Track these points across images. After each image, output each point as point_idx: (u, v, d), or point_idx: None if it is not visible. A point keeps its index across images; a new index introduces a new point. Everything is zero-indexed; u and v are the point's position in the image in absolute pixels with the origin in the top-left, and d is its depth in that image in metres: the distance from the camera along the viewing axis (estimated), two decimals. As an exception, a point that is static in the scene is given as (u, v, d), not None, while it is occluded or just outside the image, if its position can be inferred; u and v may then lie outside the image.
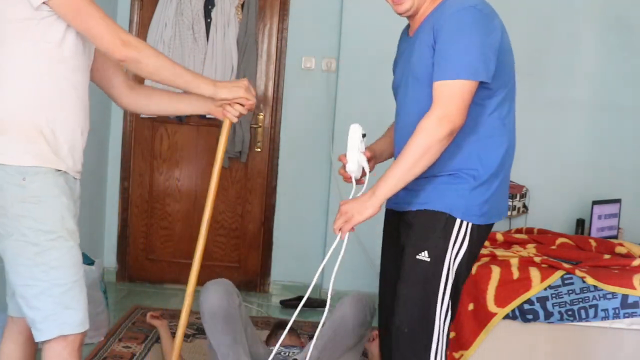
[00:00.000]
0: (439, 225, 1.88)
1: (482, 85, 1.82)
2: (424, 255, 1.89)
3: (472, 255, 1.94)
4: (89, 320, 1.88)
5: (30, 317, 1.83)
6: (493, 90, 1.85)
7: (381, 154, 2.23)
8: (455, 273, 1.89)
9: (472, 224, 1.89)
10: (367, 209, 1.82)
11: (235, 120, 2.11)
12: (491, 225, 1.97)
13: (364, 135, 2.00)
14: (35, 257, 1.79)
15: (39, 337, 1.83)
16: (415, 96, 1.91)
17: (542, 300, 2.66)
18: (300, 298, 4.06)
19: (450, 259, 1.88)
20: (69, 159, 1.87)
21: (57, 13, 1.76)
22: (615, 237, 3.74)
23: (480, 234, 1.93)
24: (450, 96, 1.77)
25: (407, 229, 1.95)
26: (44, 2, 1.73)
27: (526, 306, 2.65)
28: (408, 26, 2.06)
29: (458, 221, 1.88)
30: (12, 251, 1.81)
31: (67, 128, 1.86)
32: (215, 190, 2.16)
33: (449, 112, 1.76)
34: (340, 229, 1.88)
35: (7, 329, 2.04)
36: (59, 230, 1.81)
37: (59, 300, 1.81)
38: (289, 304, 4.01)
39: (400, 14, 1.95)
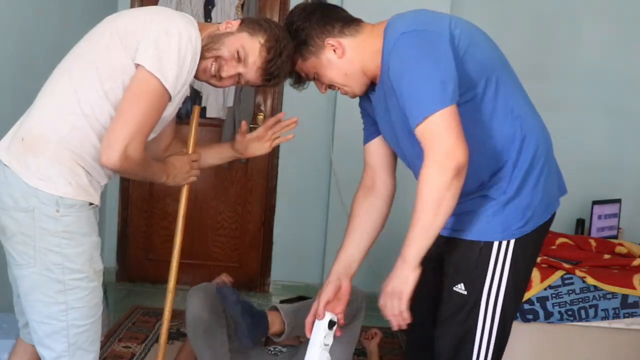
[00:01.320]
0: (474, 255, 1.71)
1: (464, 95, 1.62)
2: (460, 288, 1.74)
3: (523, 273, 1.76)
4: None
5: (41, 354, 1.77)
6: (476, 92, 1.65)
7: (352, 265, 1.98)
8: (502, 304, 1.73)
9: (515, 240, 1.70)
10: (409, 277, 1.64)
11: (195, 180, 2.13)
12: (544, 224, 1.76)
13: (332, 324, 1.86)
14: (56, 294, 1.70)
15: None
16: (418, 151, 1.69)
17: (542, 300, 2.65)
18: (300, 298, 4.08)
19: (489, 291, 1.72)
20: (99, 191, 1.81)
21: (130, 78, 1.67)
22: (615, 237, 3.74)
23: (530, 241, 1.74)
24: (438, 133, 1.54)
25: (440, 254, 1.79)
26: (136, 64, 1.66)
27: (526, 306, 2.65)
28: None
29: (496, 244, 1.70)
30: (30, 283, 1.71)
31: (99, 170, 1.78)
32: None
33: (446, 150, 1.53)
34: (398, 312, 1.70)
35: (19, 348, 2.00)
36: (87, 271, 1.73)
37: (74, 341, 1.74)
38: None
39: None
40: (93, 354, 1.80)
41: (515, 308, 1.81)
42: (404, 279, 1.65)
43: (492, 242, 1.70)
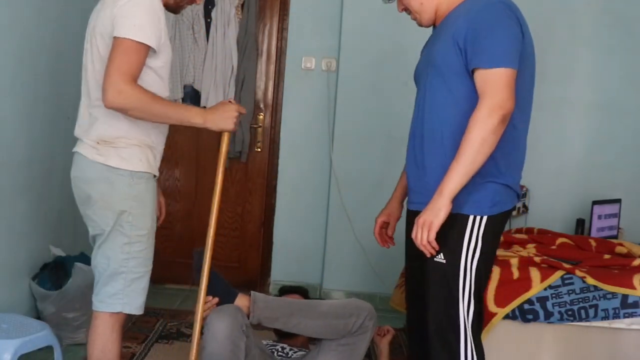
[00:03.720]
0: (452, 227, 1.90)
1: None
2: (440, 258, 1.93)
3: (490, 249, 1.97)
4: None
5: (101, 290, 2.15)
6: None
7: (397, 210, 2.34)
8: (476, 272, 1.93)
9: (487, 217, 1.92)
10: (441, 210, 1.84)
11: (235, 129, 2.17)
12: (507, 212, 1.98)
13: None
14: (124, 246, 2.11)
15: (102, 308, 2.14)
16: (432, 85, 1.96)
17: (542, 300, 2.65)
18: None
19: (466, 259, 1.92)
20: (159, 160, 2.21)
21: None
22: (615, 237, 3.74)
23: (497, 223, 1.96)
24: (498, 84, 1.81)
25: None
26: (113, 37, 2.00)
27: (526, 306, 2.65)
28: None
29: (471, 218, 1.92)
30: (106, 237, 2.11)
31: (161, 138, 2.21)
32: (219, 196, 2.21)
33: (499, 100, 1.80)
34: (426, 242, 1.88)
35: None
36: (147, 229, 2.15)
37: (129, 284, 2.14)
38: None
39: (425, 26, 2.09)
40: (142, 299, 2.19)
41: (485, 278, 2.02)
42: (436, 211, 1.84)
43: (467, 215, 1.91)
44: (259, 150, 4.22)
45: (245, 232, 4.30)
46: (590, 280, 2.69)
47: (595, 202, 3.70)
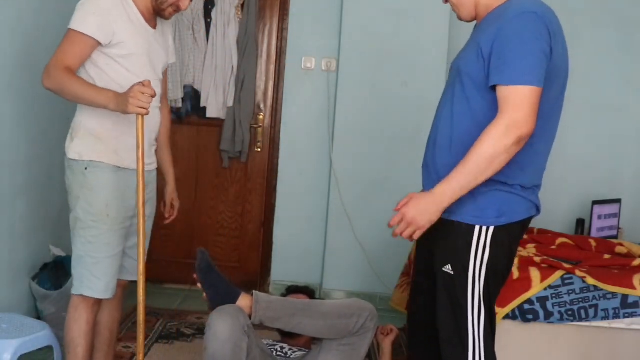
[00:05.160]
0: (459, 237, 1.85)
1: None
2: (448, 269, 1.88)
3: (500, 259, 1.89)
4: (112, 292, 2.35)
5: (72, 273, 2.34)
6: None
7: None
8: (485, 281, 1.87)
9: (494, 227, 1.84)
10: (433, 216, 1.79)
11: (144, 112, 2.10)
12: (521, 222, 1.90)
13: None
14: (80, 230, 2.29)
15: (72, 290, 2.33)
16: (453, 90, 1.90)
17: (542, 300, 2.66)
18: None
19: (474, 270, 1.86)
20: (129, 151, 2.26)
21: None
22: (615, 237, 3.74)
23: (508, 234, 1.88)
24: (520, 102, 1.72)
25: (434, 235, 1.90)
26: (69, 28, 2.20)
27: (526, 306, 2.65)
28: None
29: (477, 228, 1.84)
30: (71, 222, 2.32)
31: (122, 129, 2.27)
32: (142, 194, 2.20)
33: (517, 119, 1.70)
34: (405, 237, 1.81)
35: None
36: (101, 215, 2.27)
37: (88, 269, 2.28)
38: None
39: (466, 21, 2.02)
40: (104, 283, 2.31)
41: (498, 287, 1.96)
42: (428, 216, 1.78)
43: (474, 226, 1.84)
44: (259, 150, 4.22)
45: (245, 232, 4.29)
46: (590, 280, 2.69)
47: (595, 202, 3.70)
